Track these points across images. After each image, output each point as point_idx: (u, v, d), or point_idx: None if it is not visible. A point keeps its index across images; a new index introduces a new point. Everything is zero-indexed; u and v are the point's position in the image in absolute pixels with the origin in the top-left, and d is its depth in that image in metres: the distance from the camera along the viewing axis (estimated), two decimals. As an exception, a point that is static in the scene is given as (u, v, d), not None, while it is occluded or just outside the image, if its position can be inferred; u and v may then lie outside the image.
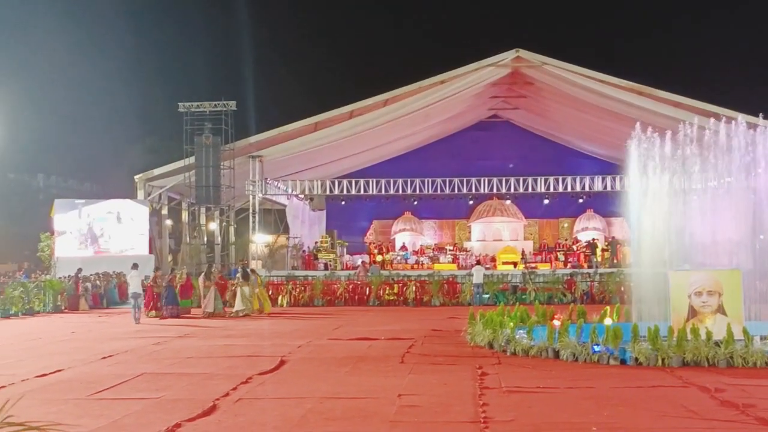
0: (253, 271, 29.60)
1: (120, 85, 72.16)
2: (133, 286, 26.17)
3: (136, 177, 41.76)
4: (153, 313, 27.03)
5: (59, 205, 39.67)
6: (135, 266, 26.60)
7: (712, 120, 18.35)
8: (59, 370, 14.10)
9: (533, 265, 42.85)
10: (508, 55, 38.55)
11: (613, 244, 44.45)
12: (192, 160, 40.33)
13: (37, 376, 13.43)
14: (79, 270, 33.61)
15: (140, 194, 41.26)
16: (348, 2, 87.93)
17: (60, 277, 33.58)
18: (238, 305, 27.28)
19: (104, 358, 15.92)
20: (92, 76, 69.59)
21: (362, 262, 42.56)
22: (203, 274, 28.24)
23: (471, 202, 47.66)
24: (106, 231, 39.47)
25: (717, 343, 13.63)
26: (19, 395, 8.98)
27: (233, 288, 28.26)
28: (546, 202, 45.37)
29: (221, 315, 26.83)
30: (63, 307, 31.40)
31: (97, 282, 34.19)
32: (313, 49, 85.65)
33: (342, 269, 40.99)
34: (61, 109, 69.31)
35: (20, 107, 54.17)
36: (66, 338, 20.69)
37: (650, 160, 17.37)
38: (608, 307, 18.11)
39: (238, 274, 28.55)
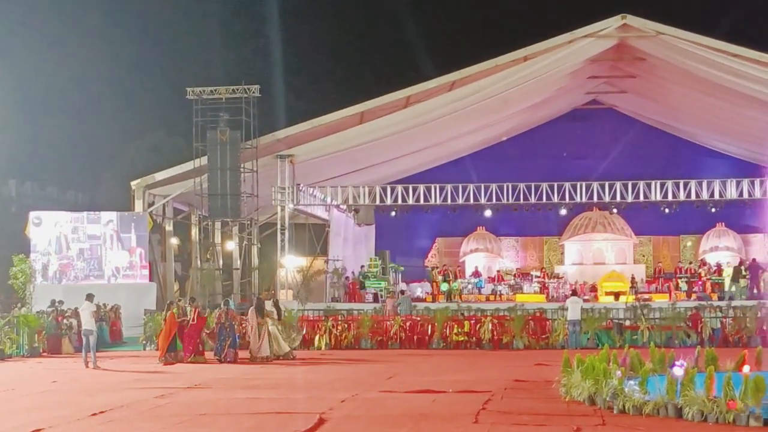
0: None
1: (113, 67, 73.23)
2: (84, 321, 26.90)
3: (133, 183, 42.19)
4: (194, 358, 27.66)
5: (36, 219, 40.26)
6: (89, 297, 27.30)
7: None
8: (38, 431, 14.33)
9: (646, 296, 42.40)
10: (612, 23, 38.23)
11: (753, 269, 43.80)
12: (204, 161, 40.67)
13: (11, 438, 13.67)
14: (53, 302, 34.17)
15: (138, 205, 41.66)
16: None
17: (38, 312, 34.05)
18: (284, 347, 28.19)
19: (94, 414, 16.11)
20: (77, 56, 70.74)
21: (387, 291, 42.62)
22: (252, 308, 28.61)
23: (564, 214, 47.31)
24: (93, 252, 39.96)
25: None
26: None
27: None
28: (666, 211, 44.70)
29: (279, 359, 27.67)
30: (41, 350, 31.86)
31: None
32: (359, 17, 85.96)
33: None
34: (39, 99, 70.63)
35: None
36: (46, 389, 20.97)
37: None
38: (746, 351, 17.89)
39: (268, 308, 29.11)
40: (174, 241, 47.22)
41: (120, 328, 36.16)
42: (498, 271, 49.63)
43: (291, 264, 43.01)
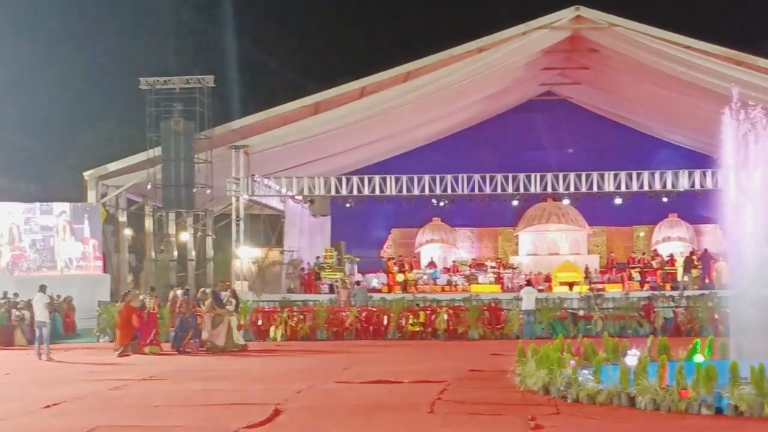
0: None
1: (64, 55, 72.42)
2: (38, 313, 26.92)
3: (86, 174, 41.85)
4: (151, 348, 27.48)
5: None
6: (42, 288, 27.27)
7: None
8: (-10, 423, 14.24)
9: (600, 286, 42.71)
10: (566, 14, 38.47)
11: (704, 259, 44.25)
12: (158, 151, 40.41)
13: (-37, 431, 13.56)
14: (5, 294, 33.94)
15: (91, 196, 41.33)
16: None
17: (-12, 304, 33.79)
18: (240, 339, 28.36)
19: (48, 407, 16.01)
20: (26, 44, 69.92)
21: (342, 281, 42.58)
22: (210, 300, 28.53)
23: (518, 205, 47.35)
24: (46, 243, 39.64)
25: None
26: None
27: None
28: (618, 202, 44.83)
29: (235, 350, 27.59)
30: (-8, 342, 31.62)
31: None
32: (313, 7, 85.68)
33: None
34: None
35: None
36: (-2, 382, 20.84)
37: (753, 150, 17.29)
38: (698, 340, 18.06)
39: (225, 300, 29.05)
40: (128, 232, 46.83)
41: (73, 319, 35.90)
42: (453, 262, 49.67)
43: (246, 255, 42.83)
